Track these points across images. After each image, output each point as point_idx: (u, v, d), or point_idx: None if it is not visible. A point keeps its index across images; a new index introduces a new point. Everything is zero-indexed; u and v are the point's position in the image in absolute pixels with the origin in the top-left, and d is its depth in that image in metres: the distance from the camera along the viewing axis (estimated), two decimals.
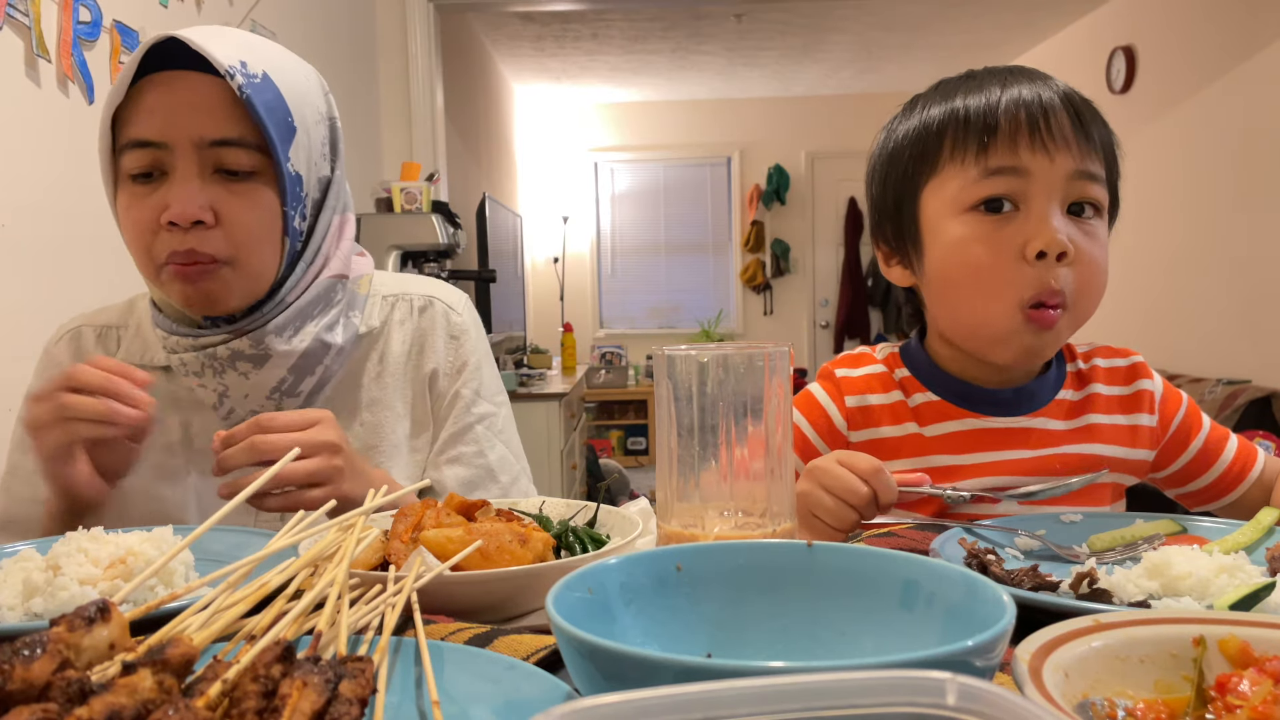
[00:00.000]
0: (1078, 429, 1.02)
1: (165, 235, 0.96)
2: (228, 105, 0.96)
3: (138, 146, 0.96)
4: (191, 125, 0.95)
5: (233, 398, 1.03)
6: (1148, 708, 0.45)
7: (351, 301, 1.10)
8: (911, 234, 1.01)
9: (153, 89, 0.96)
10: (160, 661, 0.41)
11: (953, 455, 1.01)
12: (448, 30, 4.38)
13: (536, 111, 7.45)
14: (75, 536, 0.73)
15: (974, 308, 0.96)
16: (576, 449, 4.92)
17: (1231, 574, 0.67)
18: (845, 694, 0.31)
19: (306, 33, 3.10)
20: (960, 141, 0.94)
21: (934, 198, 0.98)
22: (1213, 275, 4.35)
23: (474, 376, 1.15)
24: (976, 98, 0.95)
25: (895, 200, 1.02)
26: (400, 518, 0.74)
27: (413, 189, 3.45)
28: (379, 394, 1.12)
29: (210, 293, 0.98)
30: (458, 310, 1.17)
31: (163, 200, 0.95)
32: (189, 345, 1.01)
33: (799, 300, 7.63)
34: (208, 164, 0.96)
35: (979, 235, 0.93)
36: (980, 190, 0.93)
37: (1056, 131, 0.92)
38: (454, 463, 1.13)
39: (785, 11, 5.34)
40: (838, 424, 1.05)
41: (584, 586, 0.50)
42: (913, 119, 1.01)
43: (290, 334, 1.03)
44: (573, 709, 0.29)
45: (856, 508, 0.86)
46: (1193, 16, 4.50)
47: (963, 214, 0.95)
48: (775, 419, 0.67)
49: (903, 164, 1.01)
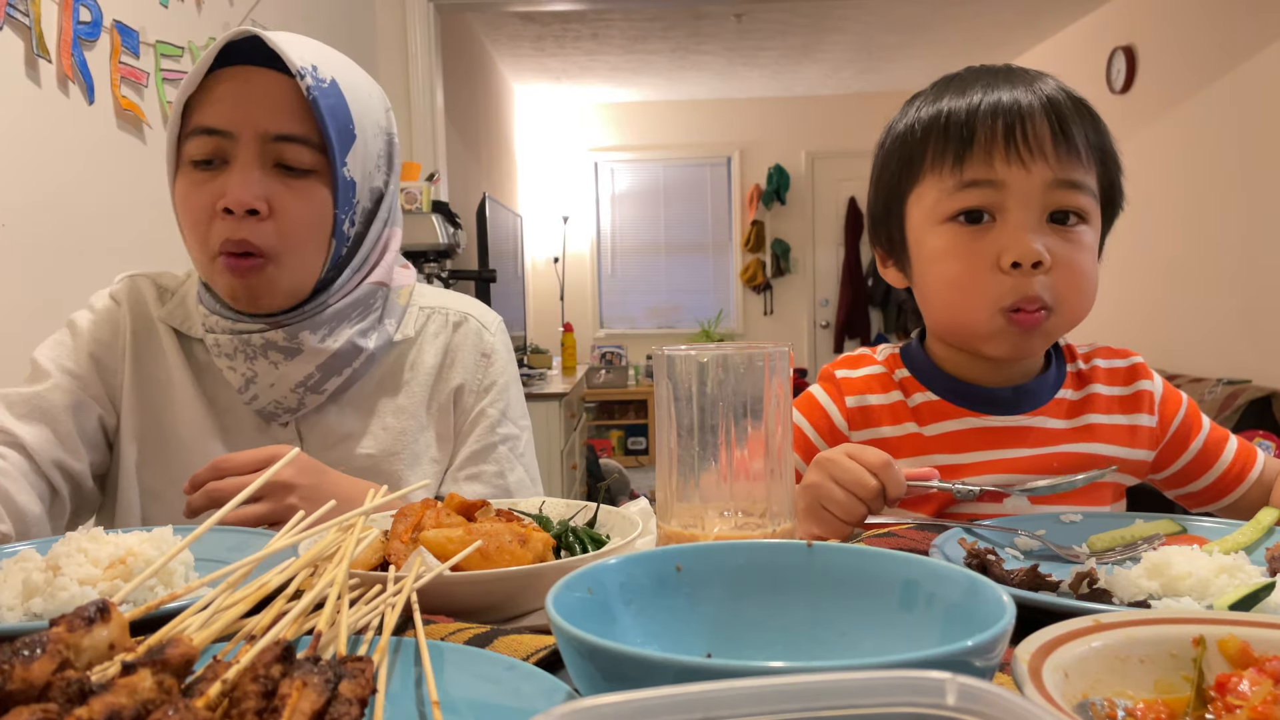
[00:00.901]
0: (1077, 428, 1.03)
1: (219, 223, 0.99)
2: (294, 104, 1.00)
3: (204, 133, 0.99)
4: (258, 117, 0.99)
5: (259, 384, 1.06)
6: (1148, 708, 0.45)
7: (389, 310, 1.13)
8: (899, 240, 1.03)
9: (225, 80, 1.00)
10: (160, 661, 0.41)
11: (952, 454, 1.01)
12: (448, 30, 4.38)
13: (536, 111, 7.45)
14: (75, 536, 0.73)
15: (956, 314, 0.98)
16: (577, 449, 4.92)
17: (1231, 574, 0.67)
18: (845, 694, 0.31)
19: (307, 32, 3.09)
20: (939, 151, 0.95)
21: (916, 207, 1.00)
22: (1213, 275, 4.35)
23: (501, 397, 1.18)
24: (958, 102, 0.96)
25: (885, 205, 1.04)
26: (400, 518, 0.74)
27: (413, 189, 3.45)
28: (406, 402, 1.13)
29: (255, 289, 1.02)
30: (491, 330, 1.20)
31: (221, 187, 0.99)
32: (227, 328, 1.05)
33: (799, 300, 7.63)
34: (269, 157, 1.00)
35: (956, 248, 0.95)
36: (957, 202, 0.94)
37: (1034, 142, 0.92)
38: (474, 480, 1.15)
39: (785, 11, 5.34)
40: (839, 424, 1.06)
41: (584, 586, 0.50)
42: (903, 121, 1.02)
43: (325, 333, 1.06)
44: (573, 709, 0.29)
45: (865, 500, 0.86)
46: (1193, 16, 4.50)
47: (941, 225, 0.96)
48: (775, 419, 0.67)
49: (890, 170, 1.02)
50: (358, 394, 1.11)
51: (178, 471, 1.07)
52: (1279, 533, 0.81)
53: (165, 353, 1.09)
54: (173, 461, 1.07)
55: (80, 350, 1.08)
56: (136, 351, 1.09)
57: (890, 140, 1.03)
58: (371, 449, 1.10)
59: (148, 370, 1.09)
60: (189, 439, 1.08)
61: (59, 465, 1.02)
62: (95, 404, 1.07)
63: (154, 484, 1.08)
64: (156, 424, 1.08)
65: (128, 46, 2.00)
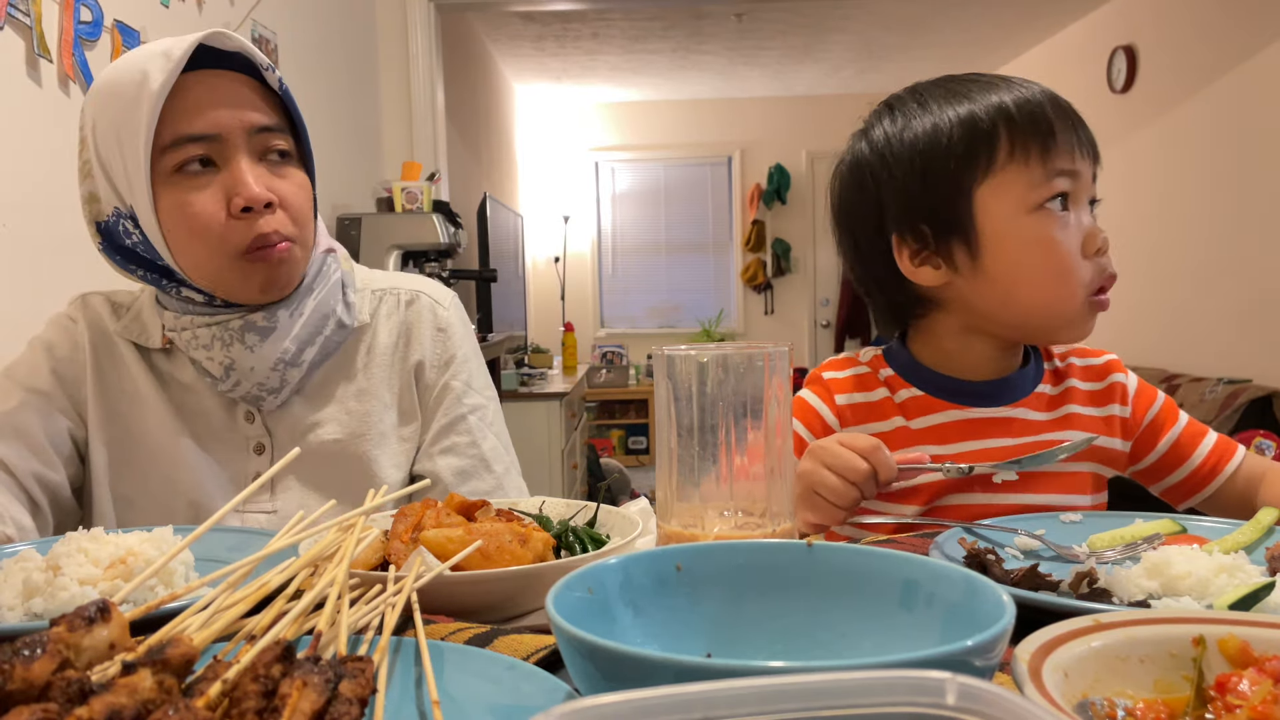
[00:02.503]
0: (1057, 419, 1.06)
1: (237, 223, 1.00)
2: (262, 97, 1.03)
3: (189, 141, 0.99)
4: (240, 115, 1.01)
5: (239, 369, 1.06)
6: (1147, 708, 0.45)
7: (347, 279, 1.14)
8: (961, 232, 1.00)
9: (191, 88, 1.00)
10: (160, 661, 0.41)
11: (939, 445, 1.03)
12: (448, 30, 4.38)
13: (537, 111, 7.45)
14: (75, 536, 0.73)
15: (1048, 298, 1.00)
16: (577, 448, 4.92)
17: (1231, 574, 0.67)
18: (845, 694, 0.31)
19: (308, 32, 3.10)
20: (1020, 143, 0.97)
21: (996, 198, 0.99)
22: (1213, 275, 4.35)
23: (463, 369, 1.18)
24: (1009, 96, 0.98)
25: (942, 199, 1.00)
26: (400, 518, 0.74)
27: (413, 188, 3.45)
28: (366, 384, 1.14)
29: (290, 276, 1.06)
30: (444, 305, 1.20)
31: (225, 189, 1.00)
32: (204, 322, 1.05)
33: (800, 300, 7.63)
34: (256, 151, 1.02)
35: (1053, 235, 0.98)
36: (1048, 190, 0.98)
37: (1085, 136, 0.99)
38: (447, 453, 1.15)
39: (786, 11, 5.34)
40: (830, 423, 1.08)
41: (584, 586, 0.50)
42: (930, 118, 1.01)
43: (295, 306, 1.08)
44: (573, 709, 0.29)
45: (857, 484, 0.88)
46: (1193, 16, 4.50)
47: (1034, 212, 0.98)
48: (775, 419, 0.68)
49: (949, 164, 1.00)
50: (320, 382, 1.13)
51: (150, 477, 1.08)
52: (1279, 533, 0.81)
53: (127, 363, 1.10)
54: (144, 467, 1.08)
55: (41, 367, 1.08)
56: (98, 364, 1.10)
57: (927, 138, 1.01)
58: (338, 434, 1.11)
59: (111, 381, 1.10)
60: (158, 444, 1.08)
61: (38, 478, 1.03)
62: (64, 417, 1.07)
63: (126, 491, 1.08)
64: (125, 431, 1.09)
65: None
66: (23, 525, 0.98)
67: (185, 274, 1.04)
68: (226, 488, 1.08)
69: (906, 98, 1.06)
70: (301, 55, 3.03)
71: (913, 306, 1.08)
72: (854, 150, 1.08)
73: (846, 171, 1.09)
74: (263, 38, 2.72)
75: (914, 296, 1.06)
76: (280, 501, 1.08)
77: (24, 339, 1.13)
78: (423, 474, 1.14)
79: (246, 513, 1.07)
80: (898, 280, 1.05)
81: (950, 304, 1.05)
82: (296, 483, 1.09)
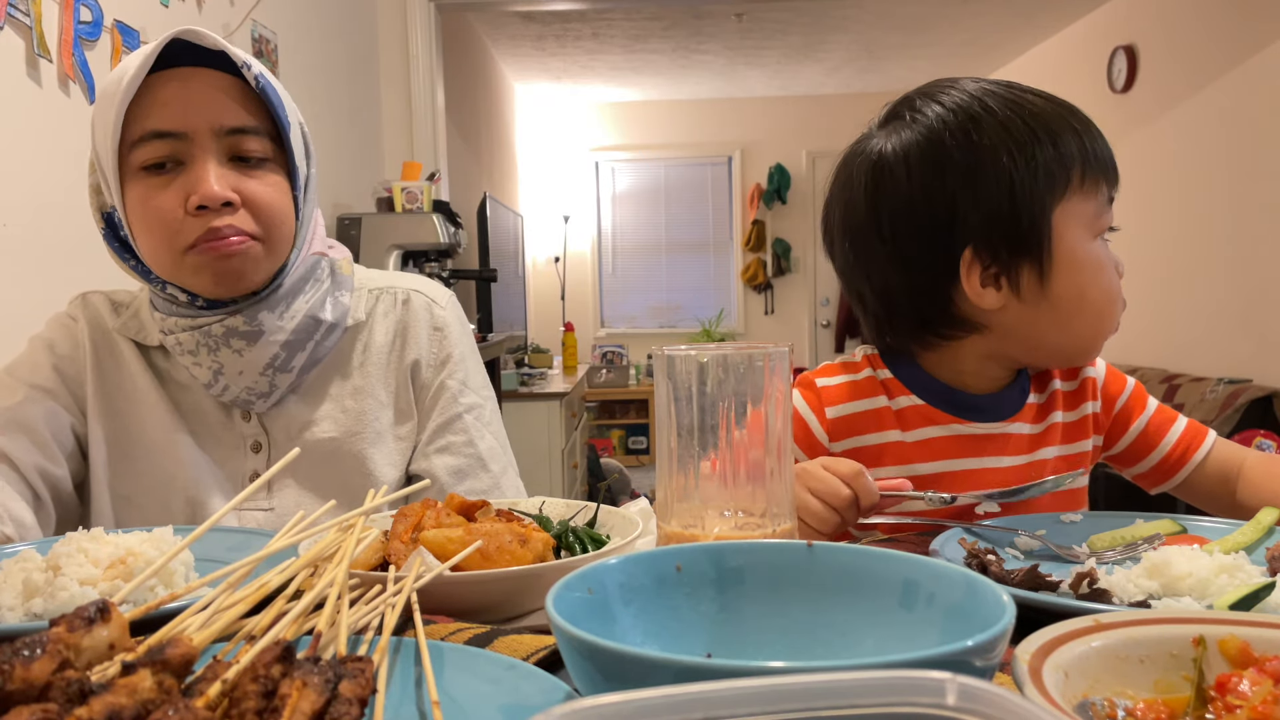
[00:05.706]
0: (1044, 431, 1.07)
1: (192, 221, 0.99)
2: (240, 96, 1.02)
3: (155, 138, 0.99)
4: (209, 114, 1.00)
5: (227, 374, 1.06)
6: (1148, 708, 0.45)
7: (339, 282, 1.13)
8: (1035, 253, 0.96)
9: (163, 84, 1.00)
10: (160, 662, 0.41)
11: (934, 462, 1.03)
12: (449, 30, 4.38)
13: (537, 111, 7.45)
14: (75, 537, 0.73)
15: (1102, 324, 1.02)
16: (577, 448, 4.92)
17: (1231, 574, 0.67)
18: (845, 694, 0.31)
19: (308, 32, 3.10)
20: (1090, 169, 0.98)
21: (1071, 220, 0.97)
22: (1213, 275, 4.35)
23: (459, 368, 1.18)
24: (1080, 120, 0.99)
25: (1028, 218, 0.95)
26: (400, 518, 0.74)
27: (413, 188, 3.45)
28: (362, 382, 1.14)
29: (241, 270, 1.02)
30: (440, 304, 1.20)
31: (185, 187, 0.99)
32: (186, 325, 1.05)
33: (800, 300, 7.63)
34: (224, 152, 1.01)
35: (1108, 261, 1.01)
36: (1108, 219, 1.01)
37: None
38: (444, 452, 1.15)
39: (786, 11, 5.34)
40: (818, 435, 1.05)
41: (584, 586, 0.50)
42: (1011, 136, 0.95)
43: (283, 309, 1.07)
44: (573, 709, 0.29)
45: (839, 509, 0.87)
46: (1193, 16, 4.50)
47: (1097, 239, 1.00)
48: (775, 419, 0.67)
49: (1037, 182, 0.95)
50: (315, 381, 1.12)
51: (148, 475, 1.08)
52: (1279, 533, 0.81)
53: (126, 361, 1.10)
54: (142, 465, 1.08)
55: (43, 364, 1.09)
56: (98, 361, 1.10)
57: (1018, 151, 0.95)
58: (333, 432, 1.11)
59: (111, 378, 1.10)
60: (156, 442, 1.08)
61: (41, 472, 1.03)
62: (66, 413, 1.08)
63: (125, 489, 1.08)
64: (124, 429, 1.09)
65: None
66: (23, 523, 0.98)
67: (152, 269, 1.04)
68: (224, 485, 1.08)
69: (972, 104, 0.98)
70: (301, 55, 3.03)
71: (945, 326, 1.01)
72: (906, 153, 0.99)
73: (905, 176, 0.98)
74: (263, 37, 2.72)
75: (954, 317, 1.00)
76: (277, 499, 1.09)
77: (24, 337, 1.13)
78: (419, 473, 1.14)
79: (243, 510, 1.07)
80: (941, 297, 0.99)
81: (990, 329, 1.00)
82: (293, 481, 1.09)
